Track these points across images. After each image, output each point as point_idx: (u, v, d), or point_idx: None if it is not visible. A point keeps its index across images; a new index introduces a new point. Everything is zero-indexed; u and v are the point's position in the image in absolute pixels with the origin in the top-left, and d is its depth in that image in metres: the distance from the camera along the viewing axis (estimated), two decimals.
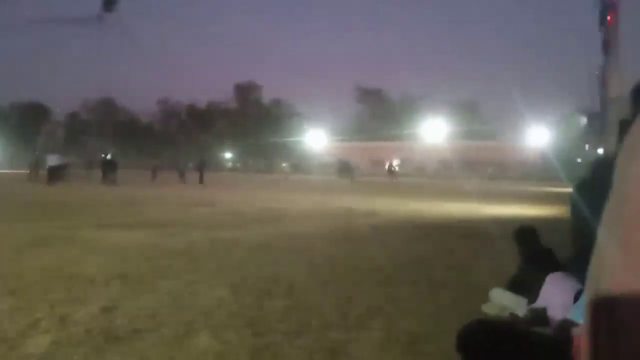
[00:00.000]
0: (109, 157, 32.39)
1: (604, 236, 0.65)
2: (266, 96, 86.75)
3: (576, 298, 2.41)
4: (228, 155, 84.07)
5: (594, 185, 1.56)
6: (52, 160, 30.10)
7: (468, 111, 76.26)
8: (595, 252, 0.65)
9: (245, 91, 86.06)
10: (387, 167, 51.26)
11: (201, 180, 31.93)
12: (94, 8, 56.21)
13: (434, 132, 69.04)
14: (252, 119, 79.04)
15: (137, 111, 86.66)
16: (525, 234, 4.67)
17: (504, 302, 4.23)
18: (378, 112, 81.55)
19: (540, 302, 3.62)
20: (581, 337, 0.64)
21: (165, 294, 4.64)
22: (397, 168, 55.42)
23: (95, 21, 54.93)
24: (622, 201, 0.63)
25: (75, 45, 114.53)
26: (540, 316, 3.34)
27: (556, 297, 3.24)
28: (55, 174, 28.68)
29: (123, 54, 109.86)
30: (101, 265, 5.84)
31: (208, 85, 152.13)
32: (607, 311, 0.61)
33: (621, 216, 0.62)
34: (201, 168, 34.58)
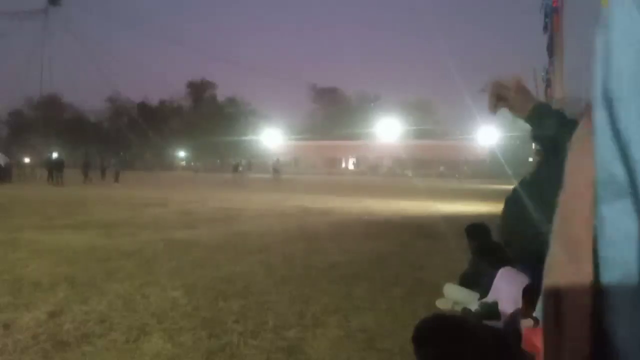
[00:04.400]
0: (55, 156, 31.28)
1: (553, 229, 0.66)
2: (221, 95, 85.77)
3: (524, 292, 2.49)
4: (182, 154, 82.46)
5: (533, 183, 1.60)
6: None
7: (421, 111, 77.66)
8: (550, 246, 0.66)
9: (199, 89, 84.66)
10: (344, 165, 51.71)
11: (101, 176, 31.97)
12: (37, 1, 54.10)
13: (388, 131, 69.88)
14: (207, 118, 77.67)
15: (85, 109, 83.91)
16: (477, 230, 4.81)
17: (456, 297, 4.34)
18: (333, 111, 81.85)
19: (491, 297, 3.72)
20: (542, 328, 0.65)
21: (116, 297, 4.51)
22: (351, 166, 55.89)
23: (40, 15, 52.96)
24: (562, 194, 0.64)
25: (18, 40, 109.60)
26: (491, 310, 3.44)
27: (506, 291, 3.35)
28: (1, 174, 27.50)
29: (69, 50, 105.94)
30: (48, 268, 5.61)
31: (159, 84, 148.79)
32: (554, 304, 0.62)
33: (560, 209, 0.64)
34: (105, 167, 34.14)
